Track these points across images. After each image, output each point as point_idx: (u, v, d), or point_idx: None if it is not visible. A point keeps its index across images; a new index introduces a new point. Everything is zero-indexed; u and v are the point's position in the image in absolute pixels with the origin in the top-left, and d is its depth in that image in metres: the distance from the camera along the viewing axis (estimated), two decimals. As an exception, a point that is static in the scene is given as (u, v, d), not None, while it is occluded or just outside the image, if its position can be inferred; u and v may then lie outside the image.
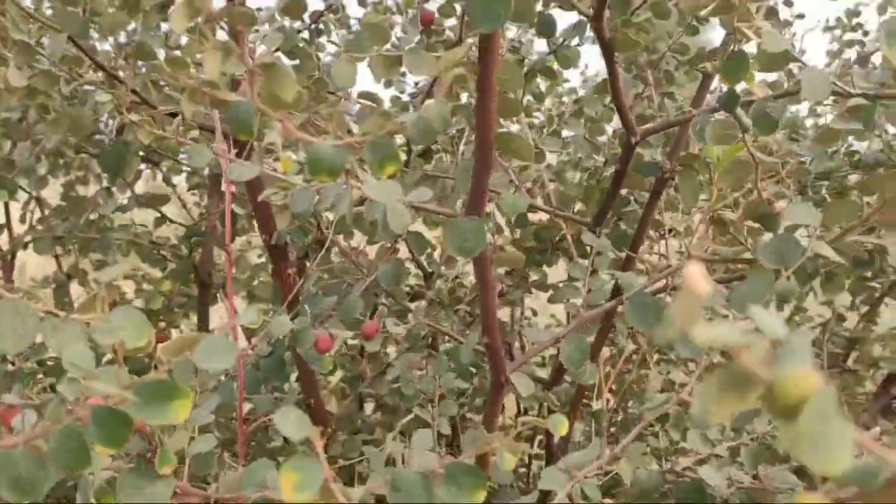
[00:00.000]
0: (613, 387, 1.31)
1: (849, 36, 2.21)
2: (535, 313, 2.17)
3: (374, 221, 0.79)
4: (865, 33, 1.90)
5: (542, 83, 1.42)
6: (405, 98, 1.81)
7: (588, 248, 1.03)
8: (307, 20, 1.62)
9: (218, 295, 1.90)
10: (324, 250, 1.24)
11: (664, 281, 1.00)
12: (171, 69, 0.63)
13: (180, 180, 1.88)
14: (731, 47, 0.69)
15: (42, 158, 1.69)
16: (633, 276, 1.04)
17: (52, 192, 1.94)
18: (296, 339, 1.01)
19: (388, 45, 0.82)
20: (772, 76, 1.48)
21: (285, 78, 0.48)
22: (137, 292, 2.14)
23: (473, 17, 0.67)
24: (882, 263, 1.10)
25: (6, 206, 1.86)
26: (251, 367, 1.16)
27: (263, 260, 1.95)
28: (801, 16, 1.53)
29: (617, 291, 1.18)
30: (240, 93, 0.51)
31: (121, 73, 1.24)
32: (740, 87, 0.85)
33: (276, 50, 1.43)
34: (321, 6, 1.68)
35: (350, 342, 1.57)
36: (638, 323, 0.92)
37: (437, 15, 1.22)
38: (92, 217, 1.81)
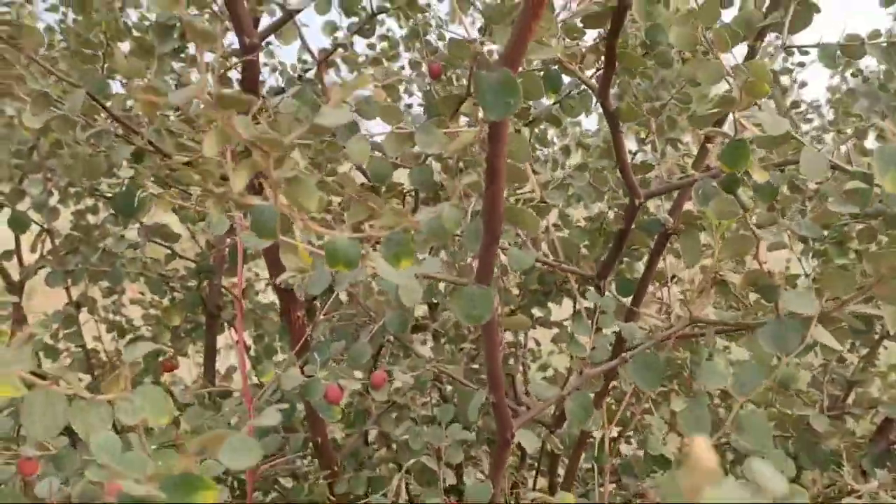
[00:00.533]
0: (615, 433, 1.33)
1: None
2: (538, 343, 2.19)
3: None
4: (860, 73, 1.92)
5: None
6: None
7: (592, 289, 1.05)
8: (315, 58, 1.65)
9: (225, 324, 1.93)
10: (333, 295, 1.27)
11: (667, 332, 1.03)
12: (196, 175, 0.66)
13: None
14: (733, 135, 0.71)
15: (54, 192, 1.72)
16: (635, 328, 1.06)
17: (63, 219, 1.96)
18: (306, 391, 1.04)
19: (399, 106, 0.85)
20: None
21: (308, 188, 0.51)
22: (145, 317, 2.17)
23: (483, 106, 0.69)
24: (882, 329, 1.12)
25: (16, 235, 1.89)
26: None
27: (272, 300, 1.98)
28: (801, 64, 1.55)
29: (620, 341, 1.20)
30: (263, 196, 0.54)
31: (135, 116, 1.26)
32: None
33: (282, 91, 1.46)
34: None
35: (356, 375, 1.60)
36: (640, 382, 0.94)
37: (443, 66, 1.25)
38: (102, 244, 1.85)
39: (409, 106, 2.24)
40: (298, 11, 1.20)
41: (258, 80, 1.18)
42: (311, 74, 1.67)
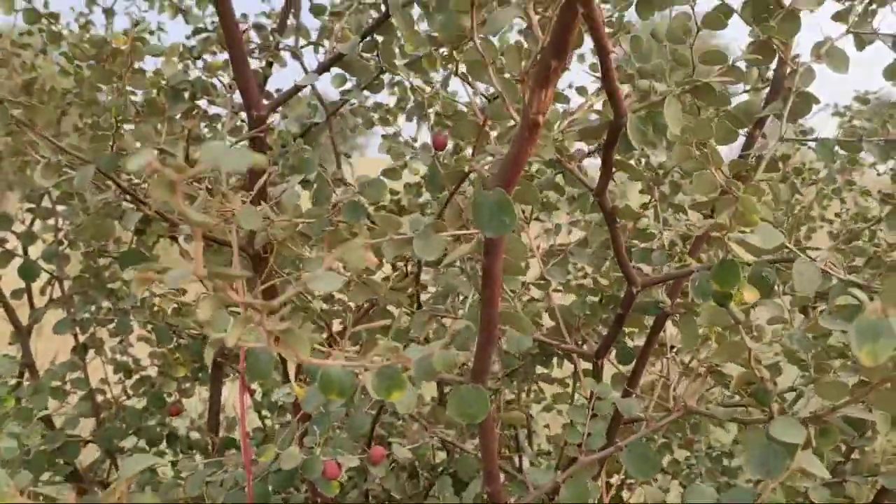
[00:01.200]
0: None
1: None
2: (541, 390, 2.20)
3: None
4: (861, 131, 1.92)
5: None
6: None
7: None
8: (325, 108, 1.67)
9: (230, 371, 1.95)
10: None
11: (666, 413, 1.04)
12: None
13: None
14: (723, 257, 0.72)
15: (65, 241, 1.75)
16: (632, 403, 1.07)
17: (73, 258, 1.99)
18: (304, 468, 1.05)
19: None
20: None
21: (300, 339, 0.52)
22: (152, 355, 2.19)
23: (480, 225, 0.71)
24: (872, 432, 1.12)
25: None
26: (260, 480, 1.20)
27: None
28: (809, 131, 1.56)
29: (617, 416, 1.21)
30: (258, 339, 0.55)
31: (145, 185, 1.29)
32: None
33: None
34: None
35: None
36: (635, 472, 0.95)
37: (449, 139, 1.27)
38: (111, 286, 1.88)
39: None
40: (305, 87, 1.22)
41: (266, 153, 1.20)
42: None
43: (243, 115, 1.34)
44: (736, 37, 1.18)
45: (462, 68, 1.05)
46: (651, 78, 1.35)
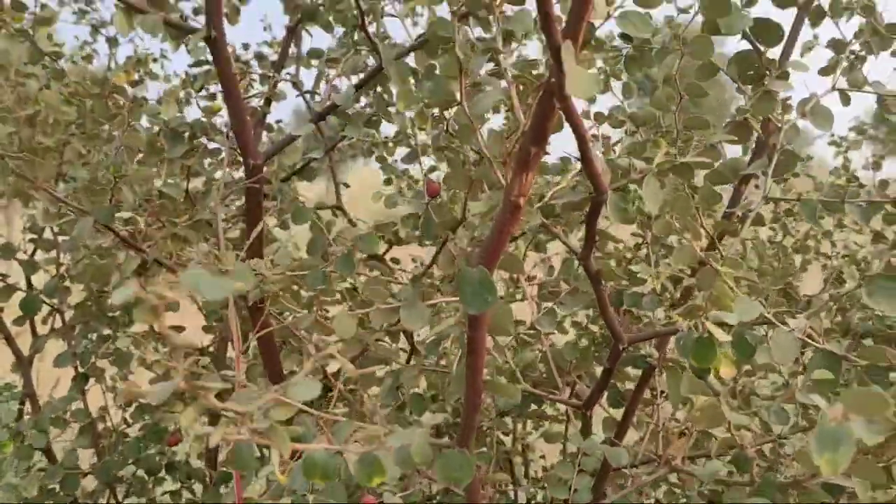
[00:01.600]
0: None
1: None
2: (539, 421, 2.21)
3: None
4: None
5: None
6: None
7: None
8: (324, 143, 1.69)
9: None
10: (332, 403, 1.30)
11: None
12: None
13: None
14: (698, 335, 0.74)
15: (66, 276, 1.77)
16: (621, 453, 1.09)
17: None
18: (296, 518, 1.07)
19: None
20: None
21: (281, 437, 0.54)
22: (152, 381, 2.21)
23: (464, 301, 0.73)
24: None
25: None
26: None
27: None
28: (788, 212, 1.57)
29: (606, 465, 1.22)
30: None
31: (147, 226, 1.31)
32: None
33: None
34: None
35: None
36: (620, 529, 0.97)
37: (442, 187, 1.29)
38: (113, 314, 1.90)
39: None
40: (299, 136, 1.24)
41: (262, 202, 1.22)
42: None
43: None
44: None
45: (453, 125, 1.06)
46: (642, 124, 1.37)
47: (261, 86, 2.12)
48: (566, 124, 0.72)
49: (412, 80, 1.11)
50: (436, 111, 1.07)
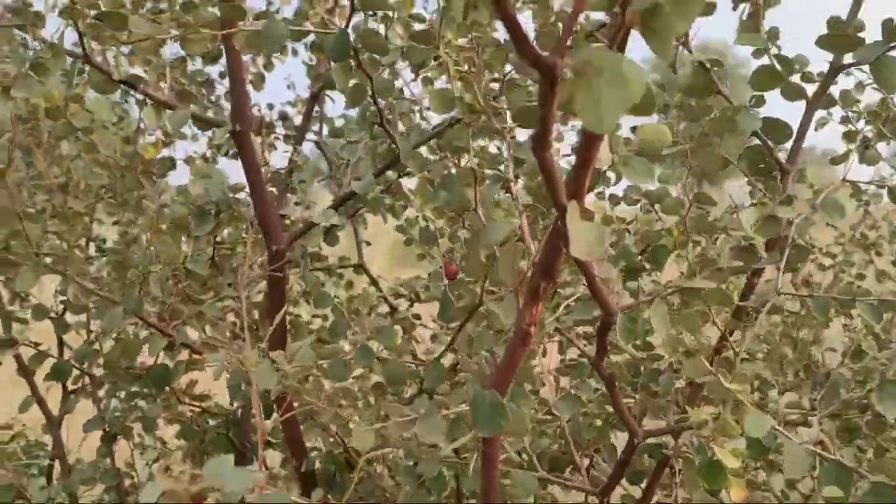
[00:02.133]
0: None
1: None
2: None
3: None
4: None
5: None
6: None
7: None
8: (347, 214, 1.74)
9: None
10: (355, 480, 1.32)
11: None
12: None
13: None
14: (709, 456, 0.76)
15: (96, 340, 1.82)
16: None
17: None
18: None
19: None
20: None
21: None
22: (178, 435, 2.25)
23: (476, 424, 0.75)
24: None
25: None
26: None
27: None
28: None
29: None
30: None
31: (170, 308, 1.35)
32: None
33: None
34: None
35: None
36: None
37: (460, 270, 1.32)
38: (137, 363, 1.94)
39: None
40: (318, 224, 1.28)
41: (284, 288, 1.26)
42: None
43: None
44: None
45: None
46: (657, 201, 1.39)
47: (284, 144, 2.17)
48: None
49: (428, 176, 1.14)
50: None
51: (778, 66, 1.05)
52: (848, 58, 1.09)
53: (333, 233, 1.79)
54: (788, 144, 1.16)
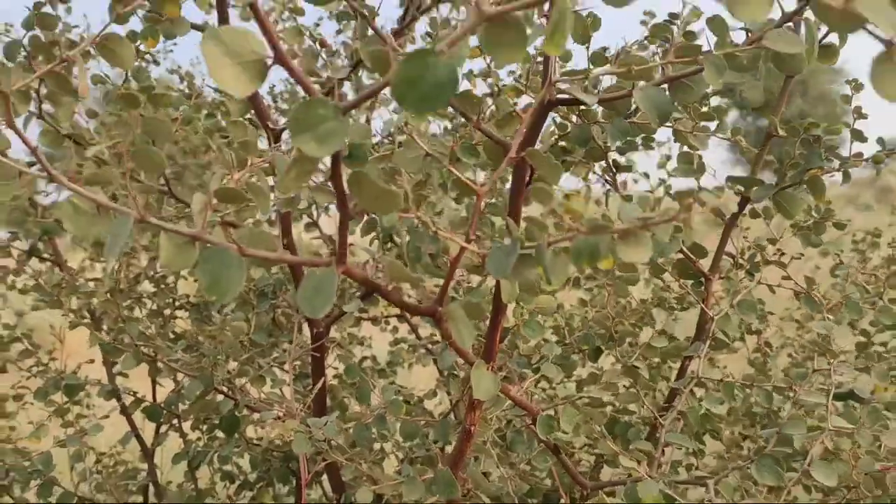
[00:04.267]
0: None
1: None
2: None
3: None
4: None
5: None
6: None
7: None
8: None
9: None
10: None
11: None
12: None
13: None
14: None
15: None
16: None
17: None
18: None
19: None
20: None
21: None
22: (250, 463, 2.65)
23: (437, 492, 1.08)
24: None
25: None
26: None
27: None
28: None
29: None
30: None
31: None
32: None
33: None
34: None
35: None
36: None
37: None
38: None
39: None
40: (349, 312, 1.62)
41: (324, 362, 1.61)
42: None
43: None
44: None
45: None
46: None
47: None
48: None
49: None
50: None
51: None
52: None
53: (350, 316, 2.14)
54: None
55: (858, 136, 1.24)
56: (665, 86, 0.81)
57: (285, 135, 1.57)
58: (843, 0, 0.40)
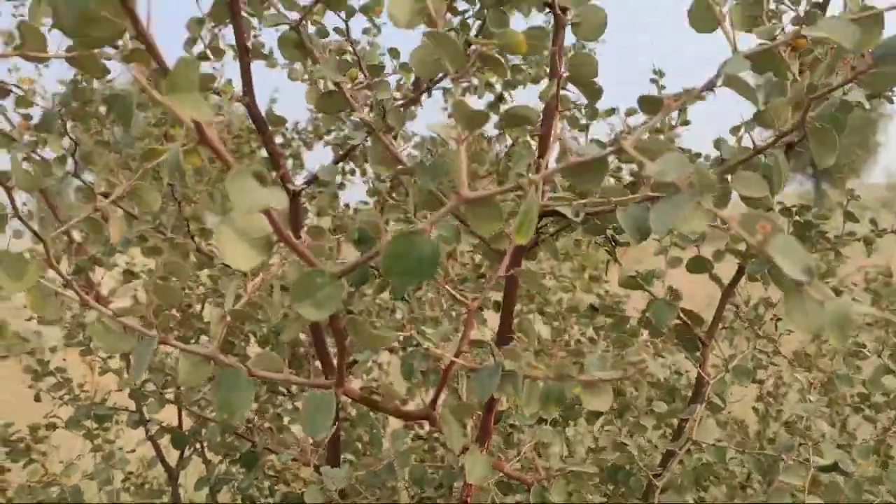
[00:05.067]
0: None
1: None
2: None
3: None
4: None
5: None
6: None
7: None
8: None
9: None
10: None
11: None
12: None
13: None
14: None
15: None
16: None
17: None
18: None
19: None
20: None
21: None
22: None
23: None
24: None
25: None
26: None
27: None
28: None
29: None
30: None
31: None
32: None
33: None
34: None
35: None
36: None
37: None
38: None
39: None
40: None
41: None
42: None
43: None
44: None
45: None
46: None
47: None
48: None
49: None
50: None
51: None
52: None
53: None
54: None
55: (850, 217, 1.29)
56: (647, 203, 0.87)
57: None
58: (760, 239, 0.46)
